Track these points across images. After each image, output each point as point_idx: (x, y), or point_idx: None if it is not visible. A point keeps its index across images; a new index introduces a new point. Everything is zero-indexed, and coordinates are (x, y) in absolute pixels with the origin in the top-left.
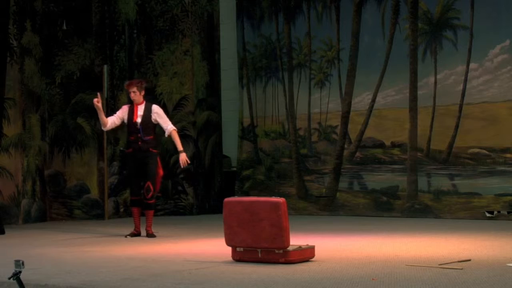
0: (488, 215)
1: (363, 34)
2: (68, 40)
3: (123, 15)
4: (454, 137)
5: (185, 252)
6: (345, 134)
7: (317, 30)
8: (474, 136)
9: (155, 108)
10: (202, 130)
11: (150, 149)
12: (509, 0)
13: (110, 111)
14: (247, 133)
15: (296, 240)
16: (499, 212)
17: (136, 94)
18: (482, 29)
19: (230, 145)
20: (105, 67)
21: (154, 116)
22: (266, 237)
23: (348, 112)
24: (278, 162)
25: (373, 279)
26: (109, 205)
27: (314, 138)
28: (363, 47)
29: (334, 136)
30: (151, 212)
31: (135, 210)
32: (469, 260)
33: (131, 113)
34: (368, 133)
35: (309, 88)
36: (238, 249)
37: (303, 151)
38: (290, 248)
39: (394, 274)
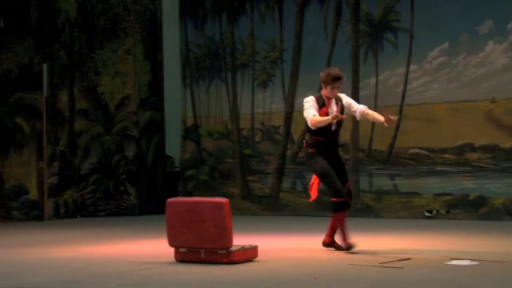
0: (427, 214)
1: (306, 35)
2: (6, 38)
3: (63, 13)
4: (394, 137)
5: (127, 253)
6: (288, 134)
7: (260, 31)
8: (414, 137)
9: (342, 95)
10: (144, 130)
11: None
12: (448, 3)
13: (49, 110)
14: (191, 133)
15: (240, 240)
16: (437, 211)
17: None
18: (421, 31)
19: (173, 145)
20: (45, 66)
21: (345, 105)
22: (209, 237)
23: (291, 112)
24: (222, 162)
25: (315, 278)
26: (48, 206)
27: (258, 138)
28: (306, 48)
29: (277, 136)
30: None
31: (344, 216)
32: (409, 259)
33: (326, 109)
34: None
35: (253, 88)
36: (181, 249)
37: (247, 151)
38: (233, 248)
39: (336, 273)
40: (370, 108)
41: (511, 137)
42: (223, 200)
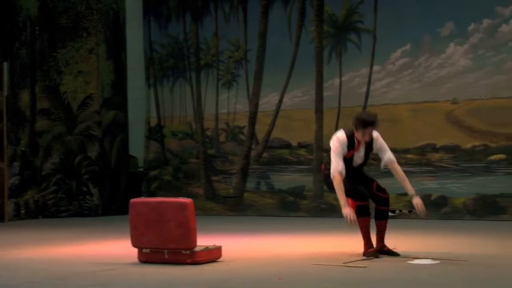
0: (390, 214)
1: (270, 36)
2: None
3: (24, 11)
4: None
5: (89, 254)
6: (252, 134)
7: (224, 31)
8: None
9: (376, 136)
10: (108, 130)
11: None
12: (410, 5)
13: (10, 109)
14: (154, 133)
15: (204, 241)
16: (400, 211)
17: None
18: (384, 32)
19: (137, 145)
20: (5, 64)
21: (374, 149)
22: (173, 238)
23: (255, 112)
24: (186, 163)
25: (279, 278)
26: (9, 206)
27: (222, 138)
28: (270, 48)
29: (241, 136)
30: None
31: (367, 221)
32: (372, 258)
33: (354, 151)
34: (275, 134)
35: (217, 89)
36: (144, 250)
37: (211, 151)
38: (197, 248)
39: (300, 273)
40: (332, 108)
41: (472, 137)
42: (187, 200)
